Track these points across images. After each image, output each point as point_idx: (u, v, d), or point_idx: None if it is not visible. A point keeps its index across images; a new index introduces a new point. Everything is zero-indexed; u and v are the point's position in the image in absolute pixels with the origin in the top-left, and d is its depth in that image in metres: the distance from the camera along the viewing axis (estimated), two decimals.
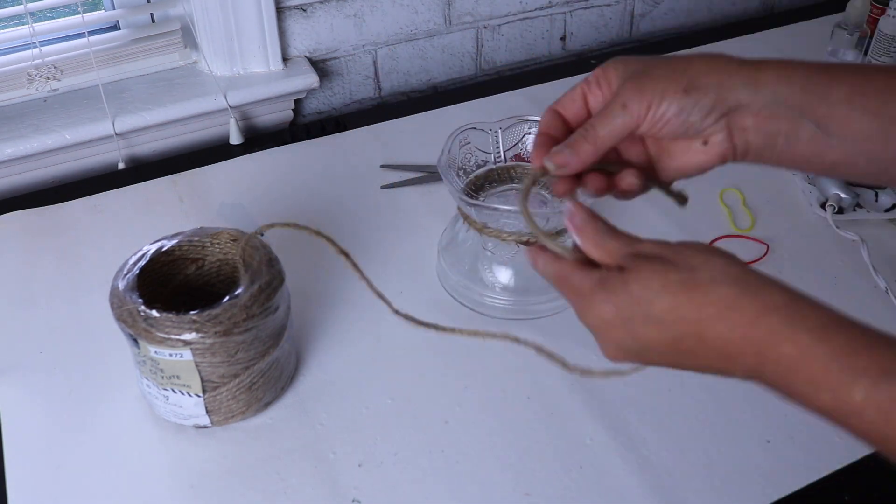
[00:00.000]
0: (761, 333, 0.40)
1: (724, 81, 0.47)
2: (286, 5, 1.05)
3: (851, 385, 0.37)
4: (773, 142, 0.48)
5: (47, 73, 0.97)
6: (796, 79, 0.47)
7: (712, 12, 1.37)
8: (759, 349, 0.40)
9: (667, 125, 0.48)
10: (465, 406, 0.69)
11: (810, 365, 0.38)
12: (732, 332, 0.41)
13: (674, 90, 0.47)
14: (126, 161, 1.02)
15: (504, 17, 1.20)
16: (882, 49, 1.08)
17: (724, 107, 0.47)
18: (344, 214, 0.90)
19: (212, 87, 1.01)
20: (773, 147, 0.48)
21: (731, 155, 0.49)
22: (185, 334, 0.60)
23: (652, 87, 0.47)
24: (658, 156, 0.52)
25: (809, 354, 0.39)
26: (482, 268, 0.78)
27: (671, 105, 0.47)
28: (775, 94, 0.47)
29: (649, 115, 0.48)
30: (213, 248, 0.69)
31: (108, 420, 0.68)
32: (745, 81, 0.47)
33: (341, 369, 0.72)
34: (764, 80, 0.47)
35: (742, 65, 0.48)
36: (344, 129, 1.04)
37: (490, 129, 0.80)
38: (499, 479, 0.64)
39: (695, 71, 0.48)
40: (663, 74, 0.48)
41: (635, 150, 0.52)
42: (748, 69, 0.48)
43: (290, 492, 0.63)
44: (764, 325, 0.40)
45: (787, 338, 0.39)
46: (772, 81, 0.47)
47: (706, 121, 0.48)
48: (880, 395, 0.36)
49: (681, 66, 0.48)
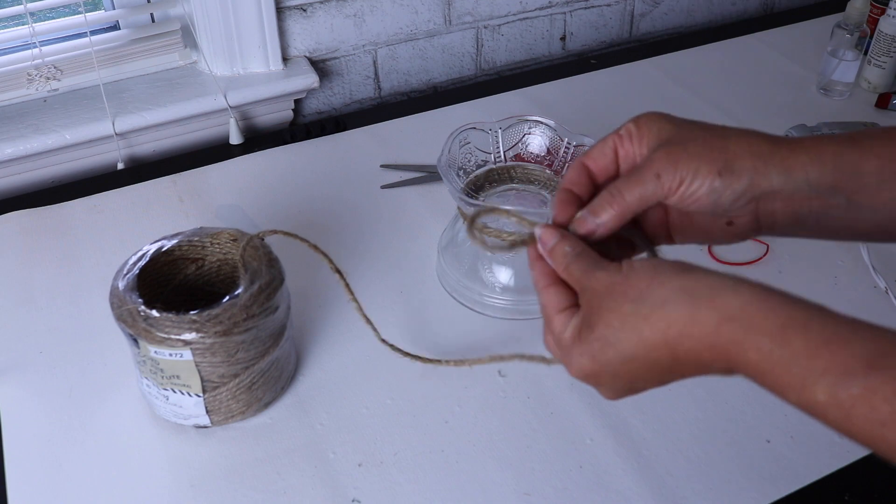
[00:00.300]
0: (724, 342, 0.40)
1: (758, 167, 0.47)
2: (286, 5, 1.05)
3: (813, 386, 0.37)
4: (802, 221, 0.48)
5: (47, 73, 0.97)
6: (828, 158, 0.47)
7: (712, 12, 1.37)
8: (727, 356, 0.40)
9: (696, 202, 0.47)
10: (464, 406, 0.69)
11: (774, 369, 0.39)
12: (700, 345, 0.41)
13: (707, 171, 0.47)
14: (126, 161, 1.02)
15: (504, 17, 1.20)
16: (882, 49, 1.08)
17: (757, 192, 0.47)
18: (344, 214, 0.90)
19: (212, 87, 1.01)
20: (802, 225, 0.49)
21: (753, 234, 0.50)
22: (185, 334, 0.60)
23: (687, 164, 0.47)
24: (679, 223, 0.51)
25: (771, 359, 0.39)
26: (482, 268, 0.78)
27: (703, 185, 0.47)
28: (807, 178, 0.47)
29: (680, 190, 0.47)
30: (213, 248, 0.69)
31: (108, 420, 0.68)
32: (778, 168, 0.47)
33: (341, 369, 0.72)
34: (797, 163, 0.47)
35: (775, 147, 0.47)
36: (344, 129, 1.04)
37: (490, 129, 0.80)
38: (499, 479, 0.64)
39: (731, 153, 0.47)
40: (699, 152, 0.47)
41: (656, 212, 0.51)
42: (783, 153, 0.47)
43: (290, 492, 0.63)
44: (725, 334, 0.40)
45: (748, 346, 0.39)
46: (805, 165, 0.47)
47: (736, 203, 0.47)
48: (841, 394, 0.36)
49: (718, 145, 0.47)
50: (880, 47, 1.08)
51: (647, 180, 0.47)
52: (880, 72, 1.10)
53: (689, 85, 1.13)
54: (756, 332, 0.39)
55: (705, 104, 1.09)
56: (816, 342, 0.38)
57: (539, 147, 0.80)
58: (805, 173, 0.47)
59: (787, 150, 0.47)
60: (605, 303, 0.44)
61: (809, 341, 0.38)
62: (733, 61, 1.19)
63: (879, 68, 1.09)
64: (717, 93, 1.11)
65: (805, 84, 1.13)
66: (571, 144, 0.79)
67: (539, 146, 0.80)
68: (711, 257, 0.83)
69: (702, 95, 1.11)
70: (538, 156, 0.80)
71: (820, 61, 1.11)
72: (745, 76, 1.16)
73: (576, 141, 0.78)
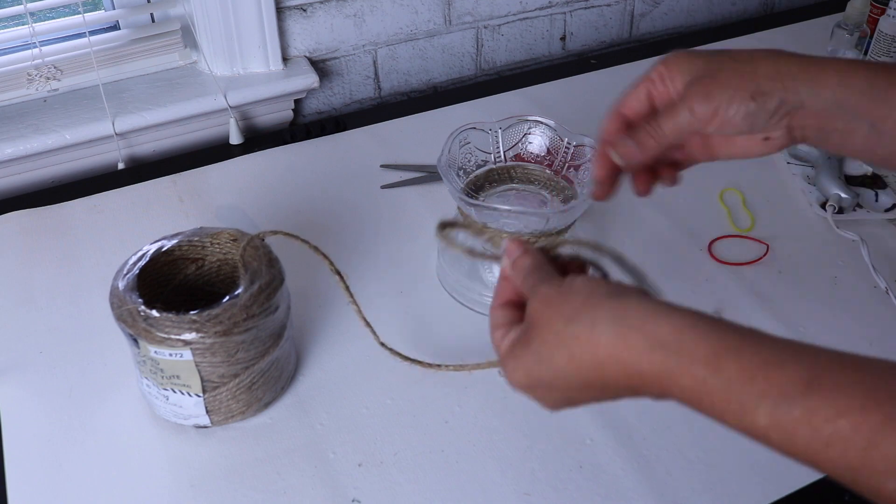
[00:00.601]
0: (655, 369, 0.40)
1: (788, 85, 0.49)
2: (286, 5, 1.05)
3: (754, 411, 0.37)
4: (828, 137, 0.51)
5: (47, 73, 0.97)
6: (856, 82, 0.49)
7: (712, 12, 1.37)
8: (659, 382, 0.40)
9: (734, 127, 0.50)
10: (464, 406, 0.69)
11: (710, 395, 0.38)
12: (629, 369, 0.41)
13: (741, 97, 0.49)
14: (126, 161, 1.02)
15: (504, 17, 1.20)
16: (882, 49, 1.08)
17: (788, 107, 0.50)
18: (344, 214, 0.90)
19: (212, 87, 1.01)
20: (827, 141, 0.51)
21: (788, 144, 0.52)
22: (185, 334, 0.60)
23: (720, 93, 0.50)
24: (720, 142, 0.54)
25: (707, 386, 0.38)
26: (482, 268, 0.78)
27: (739, 110, 0.49)
28: (835, 97, 0.49)
29: (716, 119, 0.50)
30: (213, 248, 0.69)
31: (108, 420, 0.68)
32: (807, 84, 0.49)
33: (341, 369, 0.72)
34: (826, 82, 0.49)
35: (804, 64, 0.50)
36: (344, 129, 1.04)
37: (490, 129, 0.80)
38: (499, 479, 0.64)
39: (761, 75, 0.50)
40: (730, 80, 0.50)
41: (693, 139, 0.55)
42: (811, 70, 0.50)
43: (290, 492, 0.63)
44: (656, 360, 0.39)
45: (681, 372, 0.39)
46: (833, 84, 0.49)
47: (770, 121, 0.50)
48: (782, 417, 0.36)
49: (748, 70, 0.50)
50: (880, 47, 1.08)
51: (683, 115, 0.51)
52: None
53: None
54: (688, 359, 0.39)
55: None
56: (752, 366, 0.37)
57: (539, 147, 0.80)
58: (833, 92, 0.49)
59: (817, 68, 0.50)
60: (542, 318, 0.44)
61: (744, 366, 0.38)
62: None
63: None
64: None
65: None
66: (571, 144, 0.79)
67: (539, 146, 0.80)
68: (711, 257, 0.83)
69: None
70: (538, 156, 0.80)
71: None
72: None
73: (576, 141, 0.78)
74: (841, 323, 0.76)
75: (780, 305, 0.78)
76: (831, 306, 0.78)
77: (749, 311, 0.78)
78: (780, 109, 0.50)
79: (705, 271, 0.82)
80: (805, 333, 0.75)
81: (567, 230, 0.74)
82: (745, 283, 0.80)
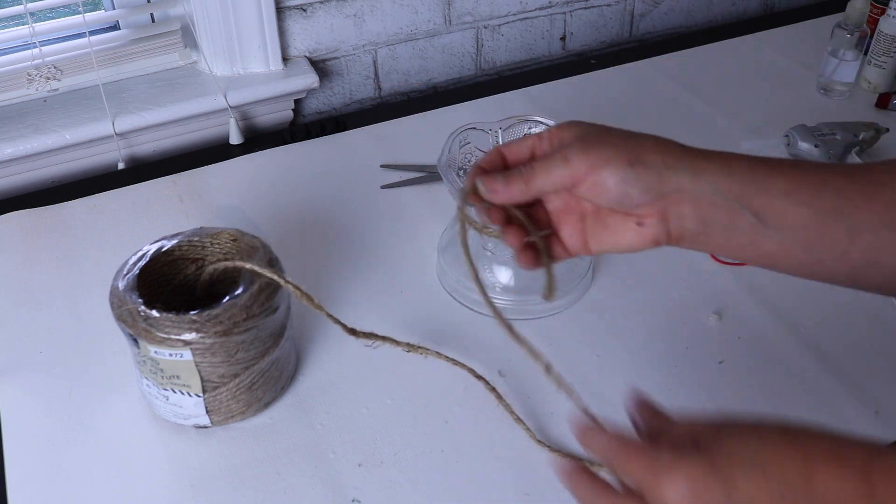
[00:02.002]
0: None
1: (669, 163, 0.48)
2: (286, 5, 1.05)
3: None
4: (709, 230, 0.49)
5: (47, 73, 0.97)
6: (736, 170, 0.48)
7: (712, 12, 1.37)
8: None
9: (605, 192, 0.49)
10: (464, 406, 0.69)
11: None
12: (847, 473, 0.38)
13: (618, 159, 0.48)
14: (126, 161, 1.02)
15: (504, 17, 1.20)
16: (882, 49, 1.08)
17: (665, 188, 0.48)
18: (344, 214, 0.90)
19: (212, 87, 1.01)
20: (708, 235, 0.49)
21: (664, 239, 0.50)
22: (185, 334, 0.60)
23: (598, 152, 0.48)
24: (593, 227, 0.52)
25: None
26: (482, 268, 0.78)
27: (613, 173, 0.48)
28: (715, 184, 0.47)
29: (590, 177, 0.48)
30: (213, 248, 0.69)
31: (108, 420, 0.68)
32: (687, 167, 0.48)
33: (341, 369, 0.72)
34: (706, 169, 0.48)
35: (687, 151, 0.49)
36: (344, 129, 1.04)
37: (490, 129, 0.80)
38: (499, 479, 0.64)
39: (643, 148, 0.49)
40: (612, 142, 0.49)
41: (571, 218, 0.53)
42: (692, 156, 0.48)
43: (290, 492, 0.63)
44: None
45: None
46: (714, 171, 0.48)
47: (644, 197, 0.48)
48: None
49: (632, 140, 0.49)
50: (880, 47, 1.08)
51: (556, 163, 0.49)
52: (880, 72, 1.10)
53: (689, 85, 1.13)
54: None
55: (705, 104, 1.09)
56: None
57: None
58: (713, 178, 0.47)
59: (698, 155, 0.49)
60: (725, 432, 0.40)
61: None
62: (733, 61, 1.19)
63: (879, 68, 1.09)
64: (717, 93, 1.11)
65: (805, 84, 1.13)
66: None
67: None
68: (712, 258, 0.83)
69: (702, 95, 1.11)
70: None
71: (820, 61, 1.11)
72: (745, 76, 1.16)
73: None
74: (841, 323, 0.76)
75: (780, 305, 0.78)
76: (831, 306, 0.78)
77: (749, 311, 0.78)
78: (657, 186, 0.48)
79: (705, 271, 0.82)
80: (805, 333, 0.75)
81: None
82: (744, 283, 0.80)
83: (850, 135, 0.96)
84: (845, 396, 0.69)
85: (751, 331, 0.76)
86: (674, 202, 0.48)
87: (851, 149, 0.95)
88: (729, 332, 0.76)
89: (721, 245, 0.50)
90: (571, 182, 0.49)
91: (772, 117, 1.05)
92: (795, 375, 0.71)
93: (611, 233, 0.52)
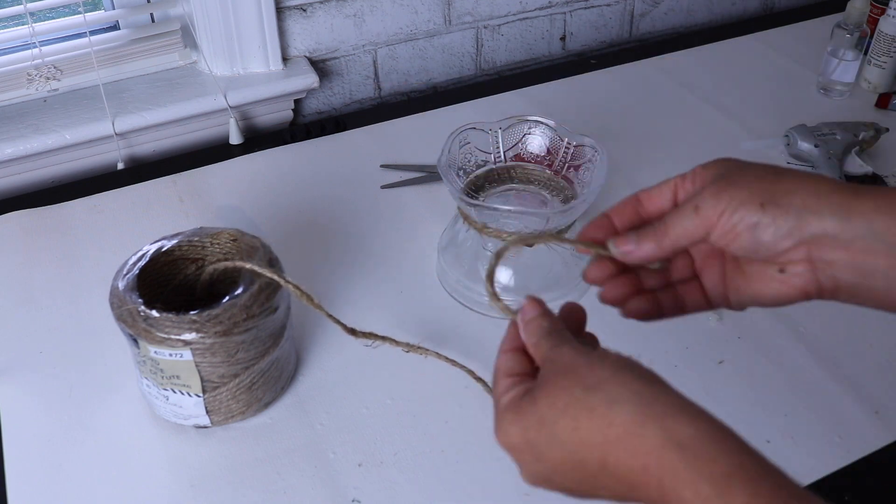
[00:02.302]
0: (662, 469, 0.36)
1: (809, 205, 0.42)
2: (286, 5, 1.05)
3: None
4: (869, 281, 0.43)
5: (47, 73, 0.97)
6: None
7: (712, 12, 1.37)
8: (660, 484, 0.36)
9: (736, 240, 0.43)
10: (465, 406, 0.69)
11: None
12: (634, 461, 0.37)
13: (751, 203, 0.43)
14: (126, 161, 1.02)
15: (504, 17, 1.20)
16: (882, 49, 1.08)
17: (805, 233, 0.42)
18: (344, 214, 0.90)
19: (212, 87, 1.01)
20: (870, 287, 0.43)
21: (815, 291, 0.44)
22: (185, 334, 0.60)
23: (730, 195, 0.43)
24: (732, 276, 0.47)
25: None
26: (482, 268, 0.78)
27: (744, 217, 0.43)
28: (871, 226, 0.41)
29: (720, 222, 0.43)
30: (213, 248, 0.69)
31: (108, 420, 0.68)
32: (835, 209, 0.42)
33: (341, 369, 0.72)
34: (859, 209, 0.41)
35: (836, 190, 0.43)
36: (344, 129, 1.04)
37: (490, 129, 0.80)
38: (499, 479, 0.64)
39: (781, 187, 0.43)
40: (746, 183, 0.43)
41: (711, 267, 0.48)
42: (841, 195, 0.42)
43: (290, 492, 0.63)
44: (666, 460, 0.36)
45: (686, 482, 0.35)
46: (869, 211, 0.41)
47: (781, 243, 0.43)
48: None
49: (769, 179, 0.44)
50: (880, 47, 1.08)
51: (686, 214, 0.44)
52: (880, 72, 1.10)
53: (689, 85, 1.13)
54: (699, 470, 0.35)
55: (705, 104, 1.09)
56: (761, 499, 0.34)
57: (539, 147, 0.80)
58: (868, 220, 0.41)
59: (850, 192, 0.42)
60: (559, 379, 0.41)
61: (754, 498, 0.34)
62: (733, 61, 1.19)
63: (879, 68, 1.09)
64: (717, 93, 1.11)
65: (805, 84, 1.13)
66: (571, 144, 0.79)
67: (539, 146, 0.80)
68: None
69: (702, 95, 1.11)
70: (538, 156, 0.80)
71: (820, 61, 1.11)
72: (745, 76, 1.16)
73: (576, 141, 0.78)
74: (841, 323, 0.76)
75: None
76: (831, 306, 0.78)
77: (749, 311, 0.77)
78: (795, 231, 0.42)
79: None
80: (805, 333, 0.75)
81: (567, 230, 0.74)
82: None
83: (850, 135, 0.96)
84: (845, 396, 0.69)
85: (751, 331, 0.76)
86: (820, 248, 0.42)
87: (851, 149, 0.95)
88: (729, 332, 0.76)
89: (887, 298, 0.43)
90: (704, 232, 0.44)
91: (772, 117, 1.05)
92: (795, 375, 0.71)
93: (753, 282, 0.46)
